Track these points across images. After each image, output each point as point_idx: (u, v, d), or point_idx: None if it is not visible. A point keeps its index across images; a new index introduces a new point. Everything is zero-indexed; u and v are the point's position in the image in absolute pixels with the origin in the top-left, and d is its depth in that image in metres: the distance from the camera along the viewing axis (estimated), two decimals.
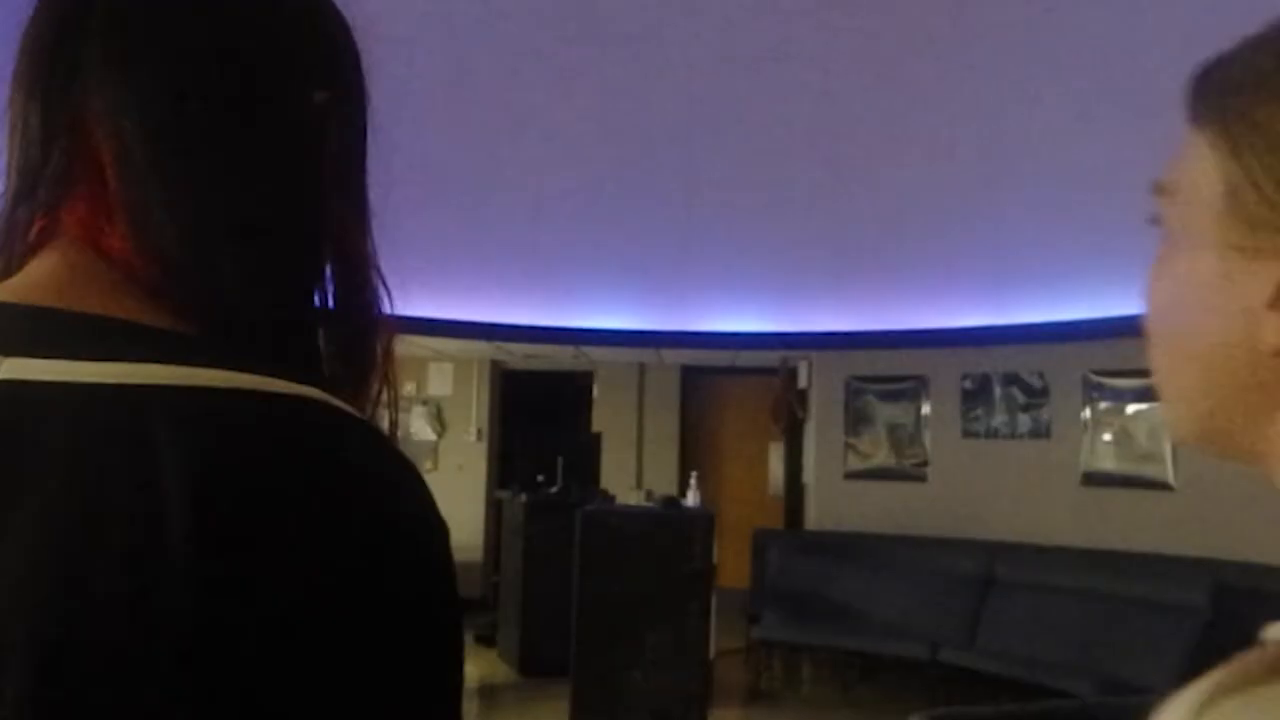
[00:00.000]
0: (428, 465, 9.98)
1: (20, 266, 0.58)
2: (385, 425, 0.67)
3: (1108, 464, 7.21)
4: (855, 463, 8.49)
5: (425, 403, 10.03)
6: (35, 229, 0.58)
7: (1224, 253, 0.55)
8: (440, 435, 10.01)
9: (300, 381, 0.54)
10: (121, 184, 0.57)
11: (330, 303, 0.67)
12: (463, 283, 7.75)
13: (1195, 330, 0.57)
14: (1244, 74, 0.55)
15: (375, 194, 0.70)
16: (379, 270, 0.68)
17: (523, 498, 7.57)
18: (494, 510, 9.70)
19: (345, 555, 0.50)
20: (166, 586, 0.46)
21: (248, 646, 0.47)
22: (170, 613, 0.46)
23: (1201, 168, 0.56)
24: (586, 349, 8.96)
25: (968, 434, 7.98)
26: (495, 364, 10.10)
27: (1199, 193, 0.57)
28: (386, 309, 0.68)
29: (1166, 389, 0.61)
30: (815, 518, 8.66)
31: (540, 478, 7.76)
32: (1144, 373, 0.65)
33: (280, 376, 0.53)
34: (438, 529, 0.57)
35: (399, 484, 0.55)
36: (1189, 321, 0.58)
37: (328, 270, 0.66)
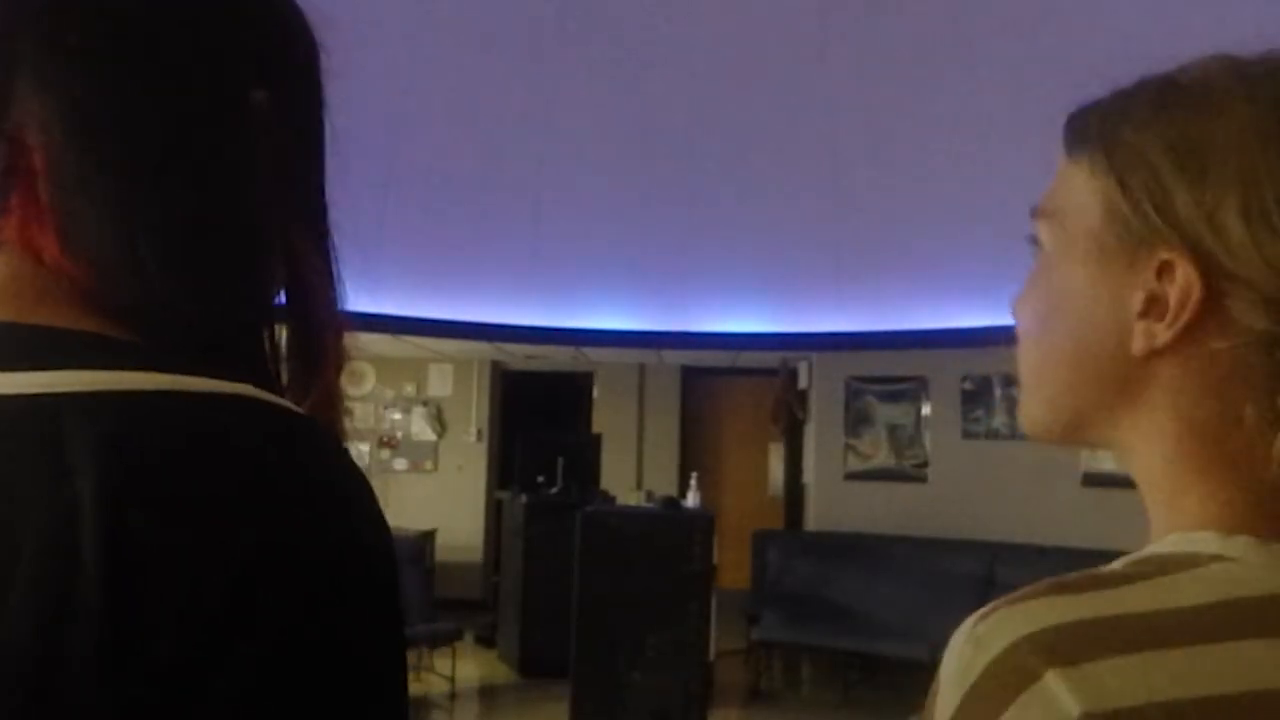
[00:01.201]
0: (428, 465, 9.99)
1: None
2: (345, 424, 0.66)
3: (1108, 464, 7.20)
4: (855, 463, 8.48)
5: (425, 403, 10.03)
6: None
7: (1101, 267, 0.63)
8: (440, 436, 10.01)
9: (235, 380, 0.52)
10: (53, 190, 0.56)
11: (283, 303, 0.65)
12: (463, 283, 7.75)
13: (1071, 336, 0.66)
14: (1119, 110, 0.65)
15: (376, 195, 0.69)
16: (331, 270, 0.66)
17: (523, 498, 7.57)
18: (494, 511, 9.70)
19: (271, 558, 0.48)
20: (79, 593, 0.45)
21: (161, 658, 0.45)
22: (83, 619, 0.45)
23: (1081, 191, 0.65)
24: (586, 349, 8.96)
25: (968, 435, 7.98)
26: (495, 364, 10.10)
27: (1079, 213, 0.65)
28: (336, 308, 0.65)
29: (1033, 389, 0.71)
30: (815, 518, 8.66)
31: (540, 478, 7.76)
32: None
33: (213, 376, 0.52)
34: (376, 528, 0.54)
35: (335, 482, 0.53)
36: (1065, 328, 0.66)
37: (275, 271, 0.64)
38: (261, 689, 0.47)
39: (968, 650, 0.60)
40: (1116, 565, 0.63)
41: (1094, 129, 0.66)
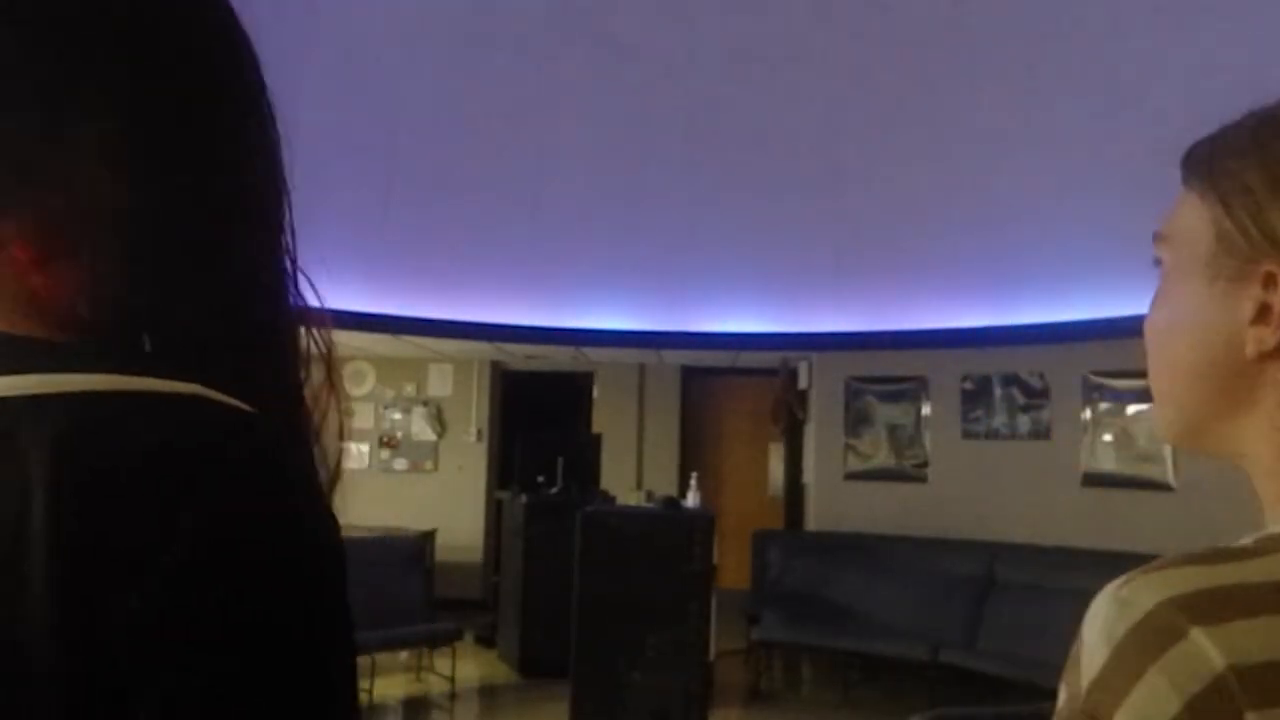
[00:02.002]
0: (428, 465, 9.99)
1: None
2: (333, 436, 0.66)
3: (1108, 465, 7.21)
4: (855, 463, 8.49)
5: (425, 403, 10.03)
6: None
7: (1214, 281, 0.71)
8: (440, 436, 10.01)
9: (185, 381, 0.53)
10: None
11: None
12: (463, 283, 7.75)
13: (1192, 347, 0.73)
14: (1225, 144, 0.73)
15: (376, 195, 0.70)
16: (286, 271, 0.66)
17: (523, 498, 7.57)
18: (494, 511, 9.70)
19: (209, 550, 0.49)
20: (28, 588, 0.46)
21: (107, 642, 0.46)
22: (30, 615, 0.46)
23: (1194, 216, 0.73)
24: (586, 349, 8.96)
25: (968, 435, 7.98)
26: (495, 364, 10.10)
27: (1193, 236, 0.73)
28: (291, 309, 0.65)
29: (1164, 399, 0.77)
30: (815, 518, 8.66)
31: (540, 478, 7.75)
32: (1144, 374, 0.75)
33: (168, 379, 0.53)
34: (315, 525, 0.55)
35: (274, 476, 0.54)
36: (1187, 341, 0.73)
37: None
38: (202, 681, 0.48)
39: (1113, 611, 0.67)
40: (1245, 541, 0.70)
41: (1203, 160, 0.74)
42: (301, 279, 0.67)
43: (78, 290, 0.57)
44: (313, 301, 0.68)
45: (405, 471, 9.98)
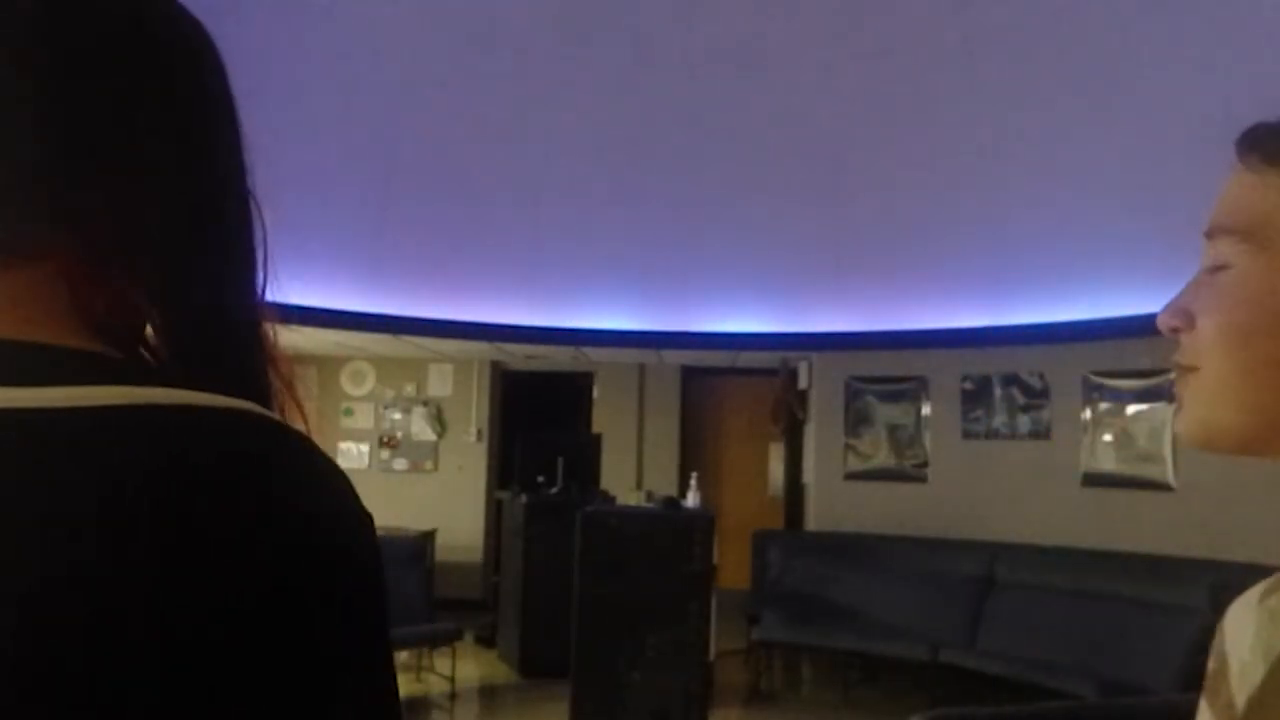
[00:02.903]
0: (428, 465, 9.99)
1: None
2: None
3: (1108, 465, 7.21)
4: (855, 463, 8.49)
5: (425, 403, 10.03)
6: None
7: None
8: (440, 436, 10.02)
9: (230, 396, 0.54)
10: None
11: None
12: (463, 283, 7.76)
13: (1276, 347, 0.68)
14: None
15: (376, 194, 0.70)
16: (246, 269, 0.66)
17: (523, 498, 7.57)
18: (494, 511, 9.71)
19: (248, 571, 0.50)
20: (71, 602, 0.46)
21: (143, 670, 0.47)
22: (72, 622, 0.46)
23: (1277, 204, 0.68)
24: (586, 349, 8.96)
25: (968, 435, 7.98)
26: (495, 364, 10.10)
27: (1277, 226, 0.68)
28: (251, 305, 0.66)
29: (1226, 399, 0.71)
30: (815, 518, 8.66)
31: (540, 478, 7.76)
32: (1144, 373, 0.73)
33: (209, 392, 0.54)
34: (352, 536, 0.56)
35: (321, 493, 0.55)
36: (1273, 341, 0.68)
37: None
38: (218, 684, 0.48)
39: (1267, 624, 0.63)
40: None
41: None
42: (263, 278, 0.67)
43: (107, 305, 0.59)
44: (272, 300, 0.68)
45: (405, 471, 9.98)
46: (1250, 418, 0.70)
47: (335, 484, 0.56)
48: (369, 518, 0.57)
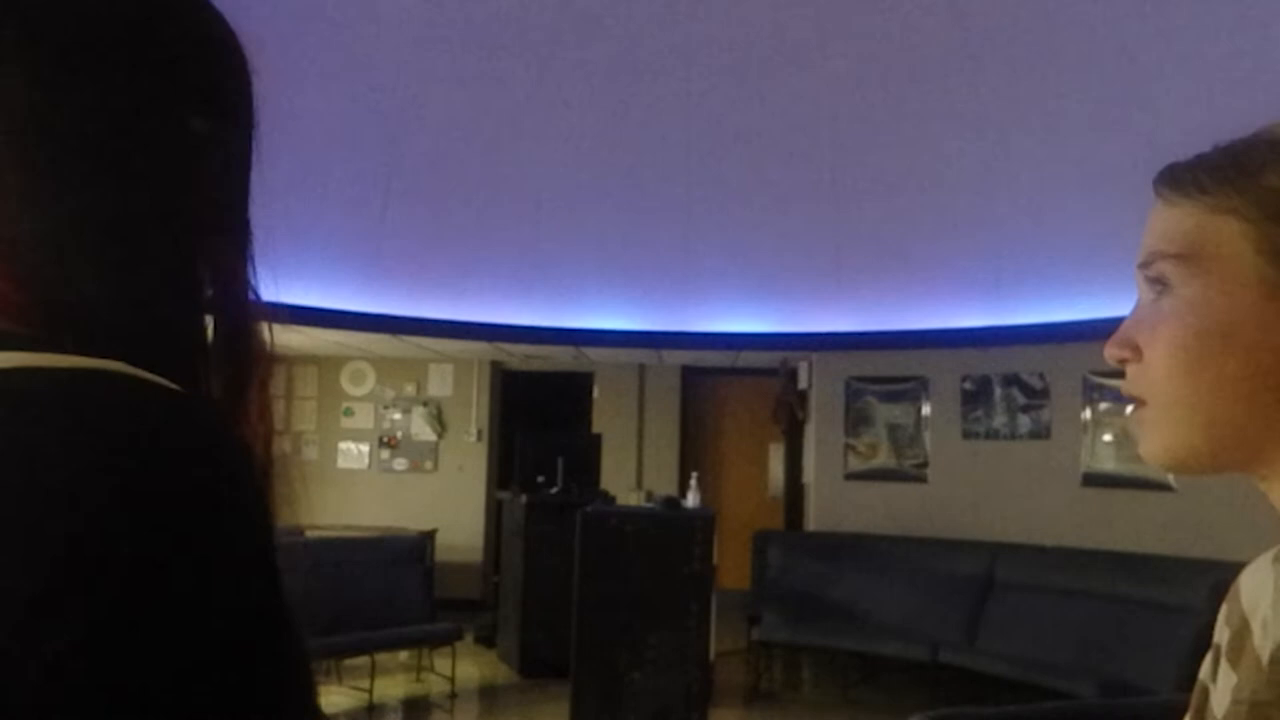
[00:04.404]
0: (428, 465, 9.99)
1: None
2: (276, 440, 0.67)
3: (1108, 465, 7.21)
4: (855, 463, 8.49)
5: (425, 403, 10.03)
6: None
7: (1267, 298, 0.70)
8: (440, 436, 10.02)
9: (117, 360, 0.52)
10: None
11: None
12: (463, 283, 7.76)
13: (1244, 364, 0.70)
14: (1253, 160, 0.72)
15: (376, 194, 0.72)
16: (248, 280, 0.66)
17: (523, 498, 7.57)
18: (494, 511, 9.70)
19: (89, 533, 0.46)
20: None
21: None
22: None
23: (1226, 233, 0.71)
24: (586, 349, 8.96)
25: (968, 435, 7.99)
26: (495, 364, 10.10)
27: (1230, 254, 0.71)
28: (254, 314, 0.66)
29: (1184, 419, 0.73)
30: (815, 518, 8.66)
31: (540, 478, 7.76)
32: None
33: (92, 357, 0.52)
34: (225, 515, 0.51)
35: (182, 456, 0.51)
36: (1237, 359, 0.71)
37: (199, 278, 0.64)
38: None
39: None
40: None
41: (1225, 177, 0.72)
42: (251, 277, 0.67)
43: (51, 278, 0.57)
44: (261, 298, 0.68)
45: (405, 471, 9.98)
46: (1216, 436, 0.73)
47: (209, 459, 0.52)
48: (242, 516, 0.52)
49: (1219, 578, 5.68)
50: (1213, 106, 4.53)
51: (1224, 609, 0.75)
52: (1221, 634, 0.74)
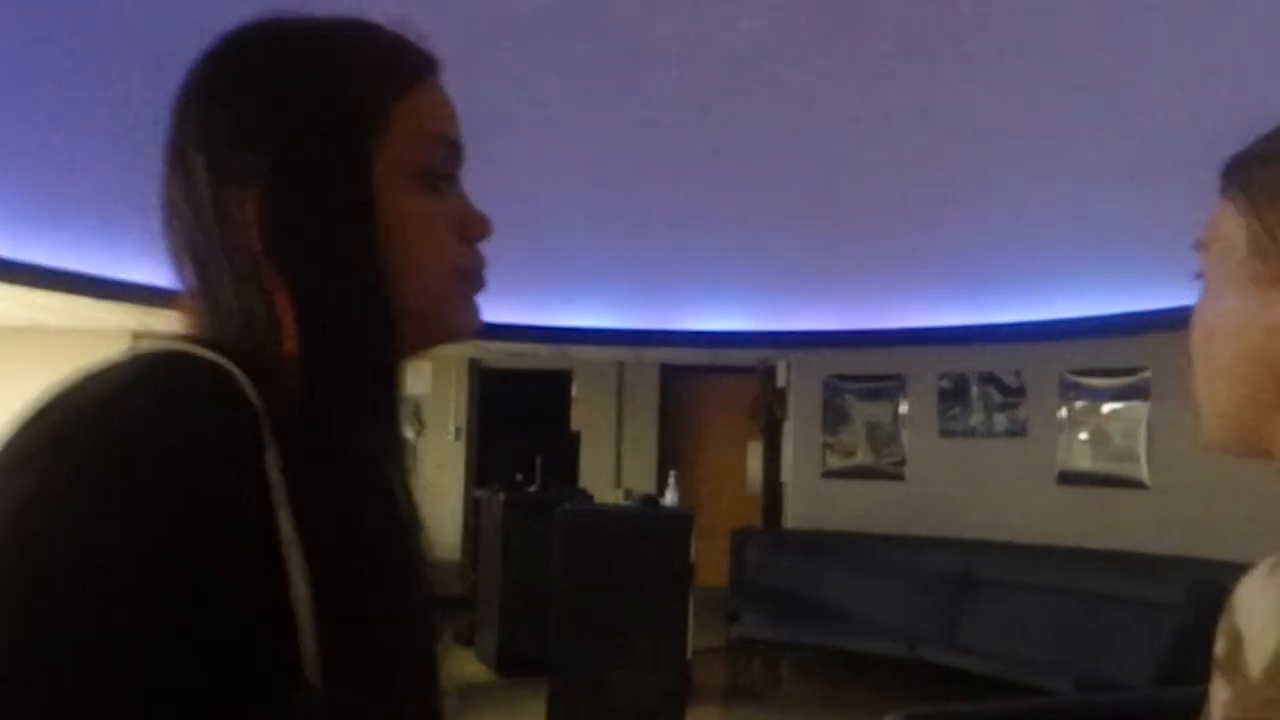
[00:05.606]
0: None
1: None
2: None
3: (1084, 463, 7.26)
4: (834, 461, 8.51)
5: (403, 401, 9.97)
6: None
7: (1247, 286, 0.72)
8: (419, 434, 9.97)
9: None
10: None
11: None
12: None
13: (1235, 353, 0.73)
14: (1258, 152, 0.75)
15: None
16: (334, 297, 0.74)
17: (501, 497, 7.55)
18: (473, 509, 9.67)
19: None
20: None
21: None
22: None
23: (1230, 225, 0.75)
24: (565, 347, 8.95)
25: (945, 433, 8.02)
26: (473, 362, 10.07)
27: (1229, 244, 0.74)
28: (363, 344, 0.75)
29: (1206, 407, 0.77)
30: (794, 516, 8.68)
31: (519, 476, 7.74)
32: (1120, 372, 0.76)
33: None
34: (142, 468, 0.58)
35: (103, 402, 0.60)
36: (1231, 348, 0.74)
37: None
38: None
39: (1275, 594, 0.68)
40: None
41: (1238, 171, 0.76)
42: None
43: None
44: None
45: None
46: (1222, 420, 0.76)
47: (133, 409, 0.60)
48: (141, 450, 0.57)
49: (1195, 574, 5.73)
50: (1196, 109, 4.57)
51: (1221, 622, 0.76)
52: (1218, 647, 0.75)
